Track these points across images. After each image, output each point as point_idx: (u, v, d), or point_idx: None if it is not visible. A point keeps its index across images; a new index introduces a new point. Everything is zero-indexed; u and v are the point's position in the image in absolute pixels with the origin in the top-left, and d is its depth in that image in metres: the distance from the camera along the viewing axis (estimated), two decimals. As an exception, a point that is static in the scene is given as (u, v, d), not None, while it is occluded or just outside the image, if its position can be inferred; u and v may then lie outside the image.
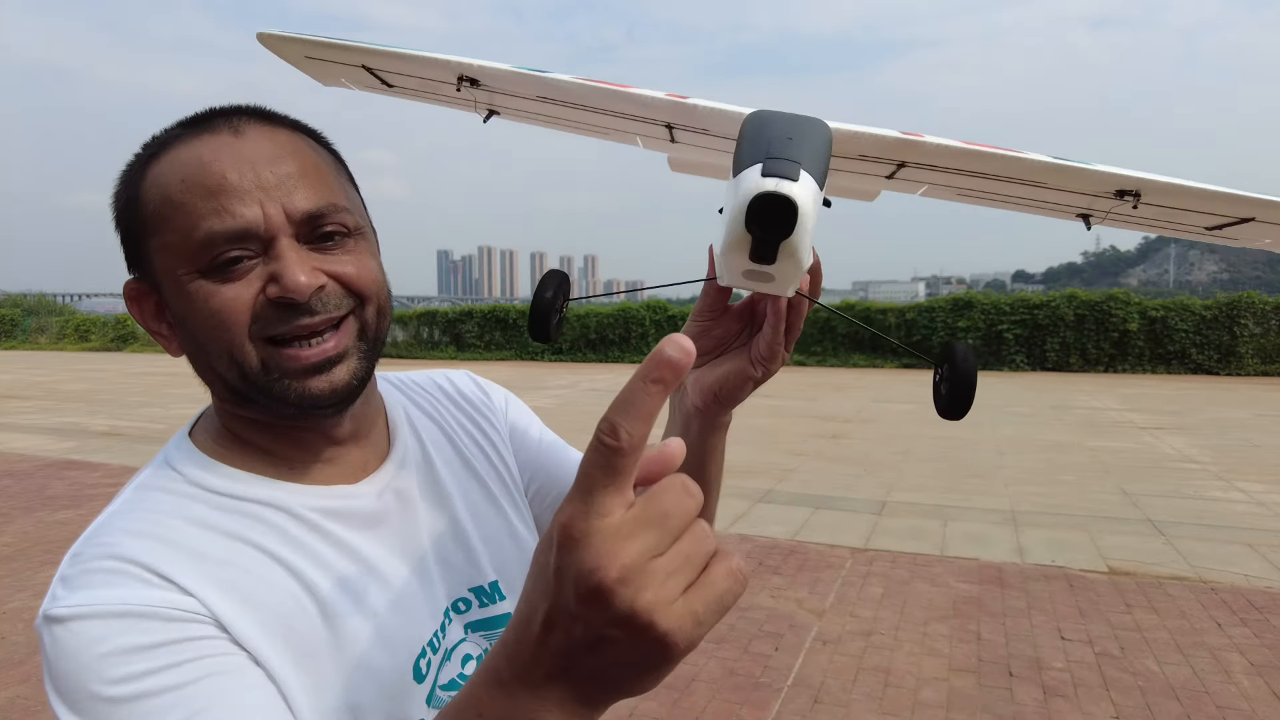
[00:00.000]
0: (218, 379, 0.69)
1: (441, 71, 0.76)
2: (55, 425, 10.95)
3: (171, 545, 0.62)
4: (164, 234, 0.66)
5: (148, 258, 0.68)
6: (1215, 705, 3.29)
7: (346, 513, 0.71)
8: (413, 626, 0.71)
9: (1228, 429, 10.46)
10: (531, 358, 23.83)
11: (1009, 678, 3.56)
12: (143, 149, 0.70)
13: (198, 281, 0.65)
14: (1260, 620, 4.18)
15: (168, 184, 0.66)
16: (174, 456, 0.70)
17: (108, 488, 7.20)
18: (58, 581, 0.60)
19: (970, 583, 4.75)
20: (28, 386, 16.13)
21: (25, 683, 3.52)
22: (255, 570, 0.64)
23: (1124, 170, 0.65)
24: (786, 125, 0.52)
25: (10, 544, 5.56)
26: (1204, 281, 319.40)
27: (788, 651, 3.83)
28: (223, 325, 0.65)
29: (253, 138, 0.67)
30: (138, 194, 0.68)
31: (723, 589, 0.41)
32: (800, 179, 0.47)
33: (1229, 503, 6.58)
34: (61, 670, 0.56)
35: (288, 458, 0.72)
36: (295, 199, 0.66)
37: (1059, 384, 16.35)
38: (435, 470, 0.82)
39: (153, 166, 0.67)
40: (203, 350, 0.68)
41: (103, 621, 0.57)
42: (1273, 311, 18.34)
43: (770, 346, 0.68)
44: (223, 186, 0.64)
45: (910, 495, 6.86)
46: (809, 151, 0.50)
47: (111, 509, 0.66)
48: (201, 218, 0.64)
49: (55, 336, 32.10)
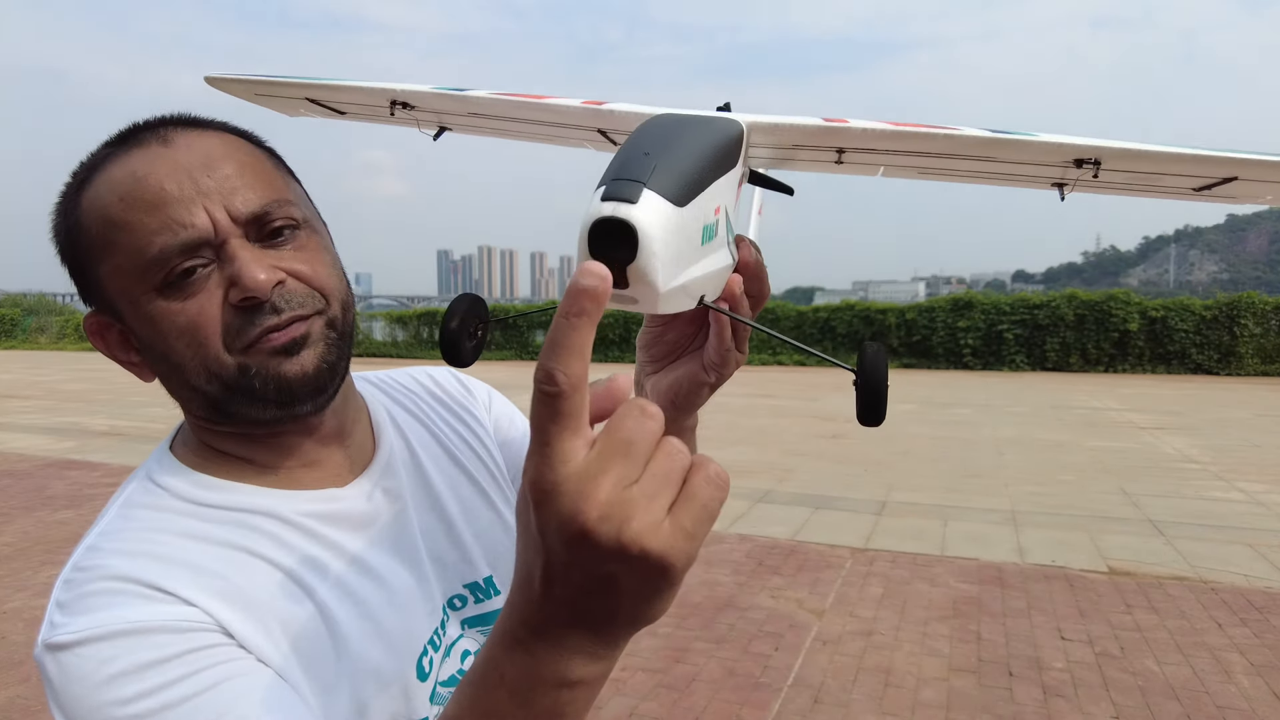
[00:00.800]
0: (195, 395, 0.67)
1: (375, 98, 0.79)
2: (55, 425, 10.95)
3: (166, 560, 0.61)
4: (112, 258, 0.64)
5: (100, 285, 0.66)
6: (1215, 705, 3.29)
7: (337, 515, 0.71)
8: (413, 625, 0.71)
9: (1228, 429, 10.46)
10: (531, 357, 23.82)
11: (1009, 678, 3.56)
12: (72, 176, 0.68)
13: (157, 302, 0.64)
14: (1260, 620, 4.18)
15: (106, 205, 0.64)
16: (157, 472, 0.69)
17: (107, 487, 7.20)
18: (55, 608, 0.59)
19: (970, 583, 4.75)
20: (28, 386, 16.13)
21: (25, 683, 3.52)
22: (253, 578, 0.63)
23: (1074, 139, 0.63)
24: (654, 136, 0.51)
25: (10, 544, 5.56)
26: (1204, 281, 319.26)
27: (788, 651, 3.83)
28: (195, 342, 0.64)
29: (182, 144, 0.66)
30: (76, 222, 0.66)
31: (706, 497, 0.40)
32: (642, 200, 0.45)
33: (1229, 503, 6.58)
34: (72, 695, 0.55)
35: (271, 465, 0.71)
36: (237, 200, 0.65)
37: (1059, 384, 16.35)
38: (423, 468, 0.81)
39: (86, 191, 0.66)
40: (177, 369, 0.66)
41: (109, 642, 0.56)
42: (1273, 312, 18.34)
43: (718, 352, 0.66)
44: (163, 198, 0.63)
45: (910, 495, 6.86)
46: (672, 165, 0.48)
47: (99, 529, 0.65)
48: (151, 233, 0.62)
49: (55, 336, 32.09)
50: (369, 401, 0.82)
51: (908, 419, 11.15)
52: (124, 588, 0.58)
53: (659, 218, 0.45)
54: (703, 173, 0.50)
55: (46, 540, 5.63)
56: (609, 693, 3.40)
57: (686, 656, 3.76)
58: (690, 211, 0.48)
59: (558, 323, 0.38)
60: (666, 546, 0.39)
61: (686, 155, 0.49)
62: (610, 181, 0.46)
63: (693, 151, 0.50)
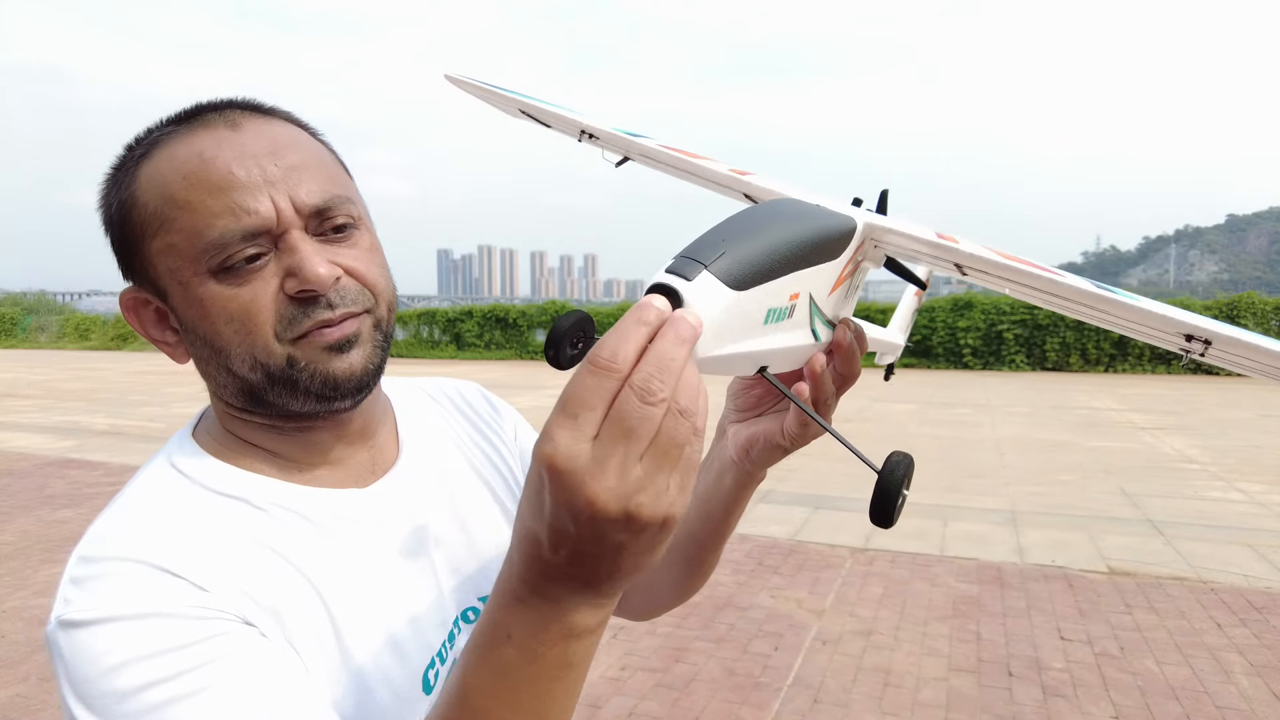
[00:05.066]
0: (234, 381, 0.67)
1: (569, 124, 0.90)
2: (55, 424, 10.95)
3: (182, 544, 0.60)
4: (167, 235, 0.63)
5: (148, 261, 0.65)
6: (1215, 705, 3.29)
7: (357, 517, 0.70)
8: (423, 635, 0.70)
9: (1228, 429, 10.46)
10: (531, 357, 23.82)
11: (1008, 678, 3.56)
12: (130, 149, 0.67)
13: (209, 284, 0.63)
14: (1260, 621, 4.18)
15: (168, 183, 0.63)
16: (177, 457, 0.68)
17: (107, 486, 7.20)
18: (69, 583, 0.58)
19: (970, 583, 4.75)
20: (28, 385, 16.13)
21: (25, 681, 3.52)
22: (266, 572, 0.63)
23: (1182, 315, 0.60)
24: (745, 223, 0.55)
25: (10, 542, 5.56)
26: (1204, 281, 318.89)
27: (787, 651, 3.83)
28: (246, 329, 0.63)
29: (250, 130, 0.65)
30: (132, 195, 0.65)
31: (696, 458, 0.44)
32: (696, 280, 0.50)
33: (1229, 503, 6.58)
34: (81, 675, 0.54)
35: (295, 459, 0.70)
36: (302, 191, 0.64)
37: (1059, 384, 16.34)
38: (445, 476, 0.80)
39: (145, 166, 0.65)
40: (220, 354, 0.65)
41: (123, 624, 0.55)
42: (1273, 312, 18.33)
43: (797, 423, 0.70)
44: (229, 182, 0.62)
45: (910, 495, 6.84)
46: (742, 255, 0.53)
47: (115, 509, 0.64)
48: (213, 216, 0.62)
49: (55, 335, 32.10)
50: (395, 405, 0.81)
51: (908, 419, 11.14)
52: (139, 569, 0.58)
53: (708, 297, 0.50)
54: (777, 264, 0.55)
55: (46, 539, 5.63)
56: (609, 692, 3.40)
57: (686, 656, 3.76)
58: (751, 296, 0.54)
59: (628, 321, 0.43)
60: (668, 508, 0.43)
61: (764, 247, 0.55)
62: (677, 257, 0.51)
63: (774, 244, 0.55)
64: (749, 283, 0.53)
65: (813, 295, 0.62)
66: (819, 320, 0.65)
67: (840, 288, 0.67)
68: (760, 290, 0.54)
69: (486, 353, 24.37)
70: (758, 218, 0.57)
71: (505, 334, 24.58)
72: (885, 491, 0.61)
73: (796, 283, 0.58)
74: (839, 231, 0.63)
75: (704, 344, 0.52)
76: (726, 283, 0.51)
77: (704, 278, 0.50)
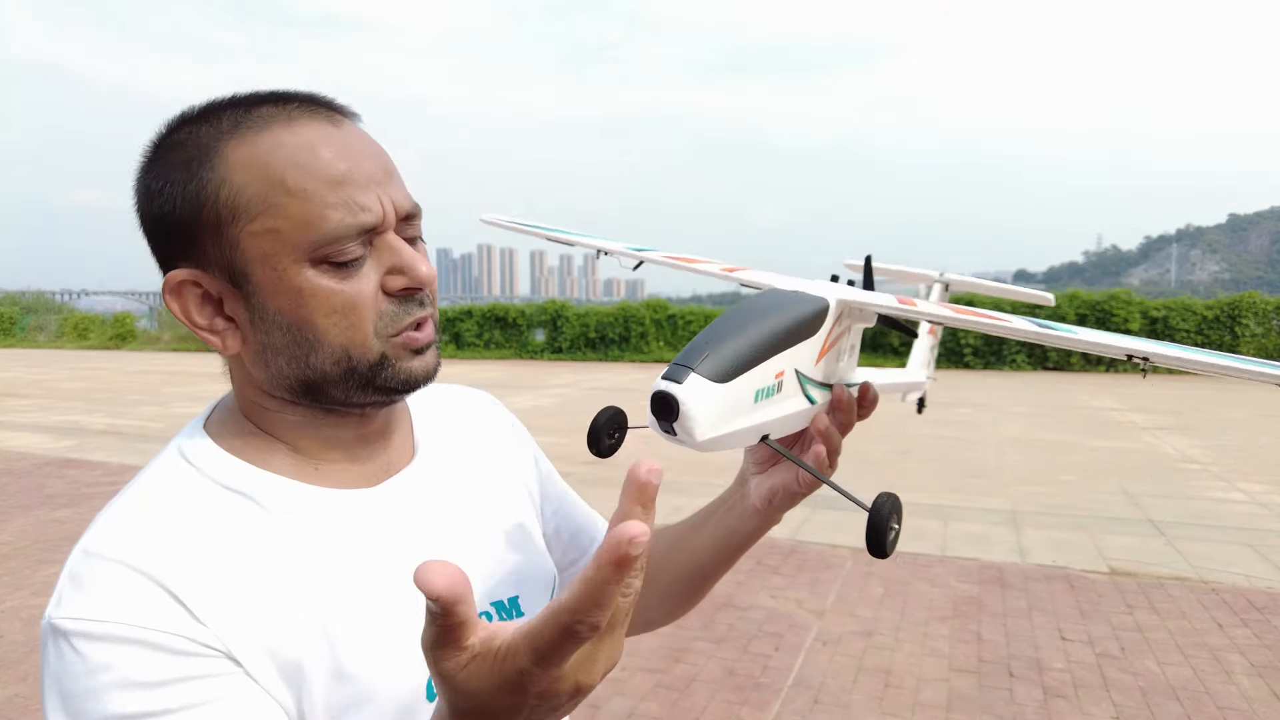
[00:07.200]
0: (303, 372, 0.66)
1: (590, 246, 1.09)
2: (54, 423, 10.94)
3: (187, 554, 0.60)
4: (271, 219, 0.62)
5: (232, 244, 0.63)
6: (1216, 706, 3.28)
7: (363, 518, 0.69)
8: None
9: (1229, 429, 10.45)
10: (531, 356, 23.82)
11: (1009, 678, 3.55)
12: (206, 126, 0.64)
13: (308, 273, 0.62)
14: (1261, 621, 4.17)
15: (275, 168, 0.62)
16: (190, 450, 0.67)
17: (106, 485, 7.20)
18: (67, 579, 0.58)
19: (971, 583, 4.75)
20: (26, 384, 16.12)
21: (24, 681, 3.51)
22: (274, 578, 0.62)
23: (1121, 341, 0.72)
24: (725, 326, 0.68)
25: (9, 542, 5.55)
26: (1205, 281, 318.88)
27: (788, 651, 3.82)
28: (349, 322, 0.64)
29: (349, 130, 0.66)
30: (221, 176, 0.62)
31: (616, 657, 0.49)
32: (686, 382, 0.63)
33: (1230, 503, 6.57)
34: (65, 690, 0.54)
35: (314, 455, 0.69)
36: (397, 196, 0.66)
37: (1060, 384, 16.34)
38: (457, 480, 0.79)
39: (238, 148, 0.63)
40: (305, 344, 0.64)
41: (110, 646, 0.55)
42: (1274, 311, 18.32)
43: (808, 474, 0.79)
44: (346, 177, 0.63)
45: (910, 495, 6.85)
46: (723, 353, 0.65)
47: (124, 502, 0.63)
48: (328, 208, 0.62)
49: (54, 335, 32.11)
50: (411, 407, 0.81)
51: (908, 419, 11.12)
52: (137, 580, 0.57)
53: (698, 394, 0.64)
54: (757, 354, 0.68)
55: (45, 539, 5.63)
56: (609, 692, 3.39)
57: (686, 656, 3.76)
58: (736, 384, 0.66)
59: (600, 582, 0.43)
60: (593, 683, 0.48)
61: (742, 343, 0.67)
62: (671, 365, 0.65)
63: (751, 339, 0.68)
64: (732, 374, 0.65)
65: (798, 369, 0.74)
66: (810, 386, 0.77)
67: (829, 354, 0.79)
68: (745, 377, 0.66)
69: (486, 352, 24.37)
70: (737, 318, 0.69)
71: (505, 333, 24.58)
72: (875, 527, 0.71)
73: (780, 363, 0.70)
74: (812, 313, 0.74)
75: (701, 428, 0.64)
76: (712, 379, 0.64)
77: (692, 379, 0.64)
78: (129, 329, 29.82)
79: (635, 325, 23.00)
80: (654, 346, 22.72)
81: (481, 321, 24.76)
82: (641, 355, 22.64)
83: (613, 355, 23.08)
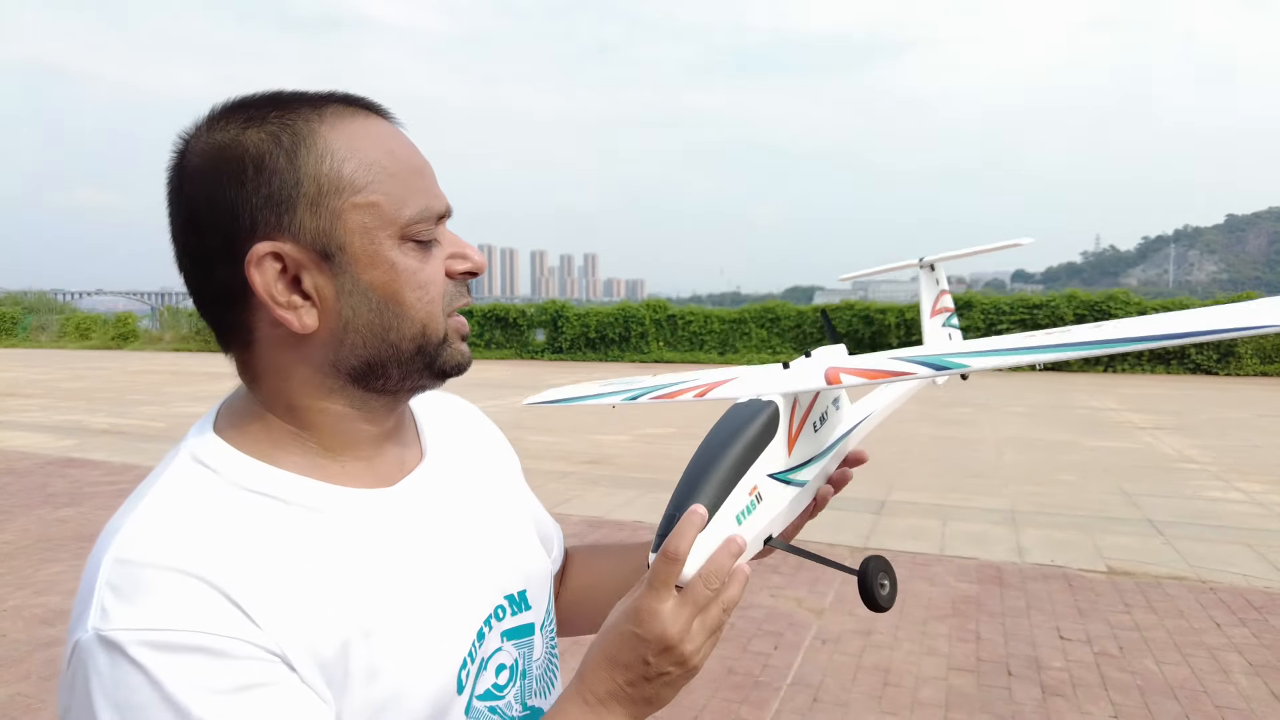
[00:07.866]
0: (381, 348, 0.67)
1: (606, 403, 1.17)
2: (56, 423, 10.95)
3: (233, 557, 0.59)
4: (372, 194, 0.65)
5: (331, 214, 0.64)
6: (1214, 705, 3.29)
7: (384, 517, 0.69)
8: (454, 637, 0.70)
9: (1227, 429, 10.46)
10: (531, 356, 23.83)
11: (1008, 677, 3.57)
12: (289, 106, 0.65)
13: (399, 250, 0.67)
14: (1259, 620, 4.18)
15: (371, 150, 0.66)
16: (204, 453, 0.66)
17: (108, 485, 7.21)
18: (107, 589, 0.55)
19: (969, 582, 4.76)
20: (28, 384, 16.13)
21: (26, 680, 3.52)
22: (309, 579, 0.62)
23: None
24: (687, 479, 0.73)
25: (11, 541, 5.56)
26: (1203, 281, 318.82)
27: (787, 650, 3.84)
28: (430, 297, 0.68)
29: (405, 133, 0.71)
30: (321, 149, 0.64)
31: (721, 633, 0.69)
32: None
33: (1228, 503, 6.58)
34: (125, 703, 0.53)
35: (334, 452, 0.69)
36: (442, 193, 0.72)
37: (1059, 384, 16.35)
38: (467, 476, 0.81)
39: (331, 130, 0.65)
40: (394, 317, 0.67)
41: (174, 655, 0.53)
42: (1273, 311, 18.33)
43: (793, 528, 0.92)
44: (425, 170, 0.70)
45: (910, 494, 6.86)
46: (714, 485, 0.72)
47: (146, 508, 0.61)
48: (417, 192, 0.68)
49: (56, 335, 32.12)
50: (413, 407, 0.82)
51: (908, 419, 11.15)
52: (187, 583, 0.56)
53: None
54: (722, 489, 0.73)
55: (47, 538, 5.64)
56: (608, 691, 3.40)
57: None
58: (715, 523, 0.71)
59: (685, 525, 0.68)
60: (702, 659, 0.68)
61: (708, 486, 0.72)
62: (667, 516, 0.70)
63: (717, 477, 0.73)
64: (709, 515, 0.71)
65: (771, 473, 0.79)
66: (794, 474, 0.83)
67: (801, 437, 0.84)
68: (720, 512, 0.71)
69: (487, 352, 24.37)
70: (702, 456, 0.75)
71: (505, 333, 24.59)
72: (864, 586, 0.79)
73: (750, 479, 0.76)
74: (764, 421, 0.79)
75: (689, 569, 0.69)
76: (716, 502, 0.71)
77: None
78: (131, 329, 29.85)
79: (635, 325, 23.00)
80: (654, 346, 22.72)
81: (482, 321, 24.77)
82: (642, 355, 22.65)
83: (613, 355, 23.08)
